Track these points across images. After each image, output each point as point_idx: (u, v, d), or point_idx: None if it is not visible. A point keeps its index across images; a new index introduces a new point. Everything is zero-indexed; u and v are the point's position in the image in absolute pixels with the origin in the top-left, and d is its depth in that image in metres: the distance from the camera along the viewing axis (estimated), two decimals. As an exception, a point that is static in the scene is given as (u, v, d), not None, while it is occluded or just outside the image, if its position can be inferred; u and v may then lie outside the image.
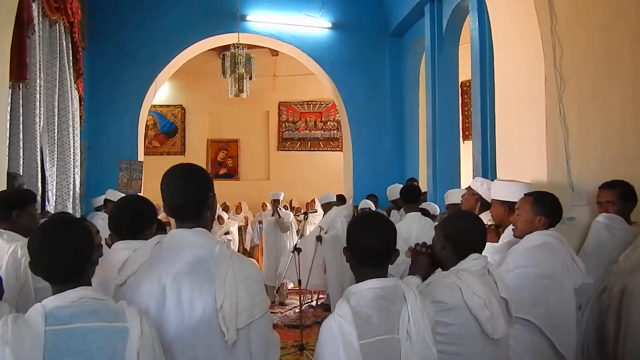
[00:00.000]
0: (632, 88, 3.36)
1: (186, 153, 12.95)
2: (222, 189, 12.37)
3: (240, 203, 11.86)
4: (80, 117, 6.59)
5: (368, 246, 1.82)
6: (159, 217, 2.54)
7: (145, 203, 2.36)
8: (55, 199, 5.54)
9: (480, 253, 2.12)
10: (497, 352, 2.01)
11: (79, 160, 6.31)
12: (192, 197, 1.77)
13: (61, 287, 1.57)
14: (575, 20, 3.36)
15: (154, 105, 11.82)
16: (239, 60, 6.83)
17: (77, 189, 6.22)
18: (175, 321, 1.62)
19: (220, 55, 7.22)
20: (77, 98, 6.46)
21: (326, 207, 7.09)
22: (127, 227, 2.25)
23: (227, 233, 10.03)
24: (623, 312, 2.67)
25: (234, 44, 7.11)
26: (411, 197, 4.91)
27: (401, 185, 5.78)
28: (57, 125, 5.62)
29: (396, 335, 1.71)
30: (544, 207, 2.68)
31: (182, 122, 13.12)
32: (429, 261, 2.21)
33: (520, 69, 3.60)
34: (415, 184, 6.86)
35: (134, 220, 2.26)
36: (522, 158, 3.54)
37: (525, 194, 2.82)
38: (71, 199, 5.90)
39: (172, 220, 1.84)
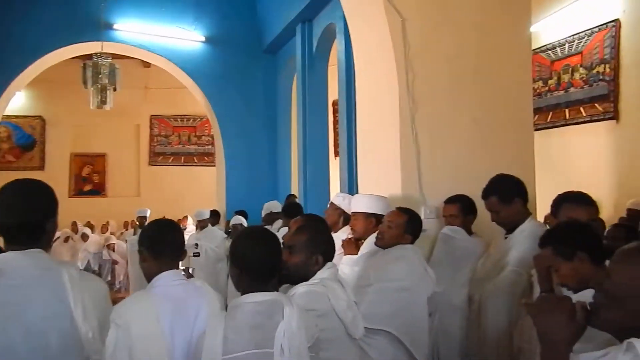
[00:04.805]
0: (474, 115, 3.68)
1: (46, 168, 11.98)
2: (87, 206, 11.77)
3: (107, 222, 11.19)
4: None
5: (261, 261, 1.83)
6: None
7: None
8: None
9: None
10: (357, 351, 2.24)
11: None
12: (28, 217, 1.63)
13: None
14: (426, 49, 3.65)
15: (9, 116, 10.79)
16: (101, 70, 6.48)
17: None
18: (24, 352, 1.49)
19: (82, 65, 6.82)
20: None
21: (201, 223, 6.94)
22: None
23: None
24: (481, 319, 2.86)
25: (96, 53, 6.74)
26: (291, 213, 5.02)
27: (276, 201, 5.92)
28: None
29: (270, 349, 1.72)
30: (415, 228, 2.88)
31: (41, 134, 12.15)
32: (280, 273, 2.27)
33: (378, 91, 3.83)
34: (296, 200, 7.02)
35: None
36: (380, 174, 3.75)
37: (398, 209, 2.96)
38: None
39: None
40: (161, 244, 2.03)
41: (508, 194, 2.85)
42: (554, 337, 1.37)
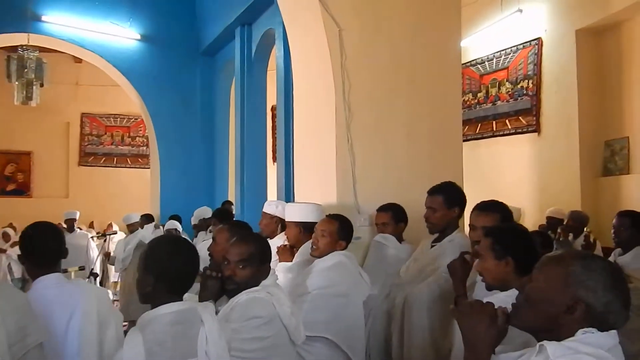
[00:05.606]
0: (406, 125, 3.80)
1: (-36, 165, 11.24)
2: (9, 207, 11.11)
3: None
4: None
5: (179, 269, 1.79)
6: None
7: None
8: None
9: None
10: (296, 358, 2.31)
11: None
12: None
13: None
14: (362, 59, 3.72)
15: None
16: (27, 64, 6.14)
17: None
18: None
19: (5, 57, 6.43)
20: None
21: (131, 227, 6.77)
22: None
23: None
24: (405, 322, 2.93)
25: (22, 46, 6.38)
26: (223, 219, 4.97)
27: (207, 207, 5.85)
28: None
29: (195, 358, 1.71)
30: (347, 233, 2.92)
31: (-42, 129, 11.37)
32: (219, 285, 2.24)
33: (315, 99, 3.87)
34: (231, 207, 6.97)
35: None
36: (316, 181, 3.79)
37: (329, 217, 2.98)
38: None
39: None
40: (37, 248, 2.11)
41: (453, 199, 2.99)
42: (477, 339, 1.46)
